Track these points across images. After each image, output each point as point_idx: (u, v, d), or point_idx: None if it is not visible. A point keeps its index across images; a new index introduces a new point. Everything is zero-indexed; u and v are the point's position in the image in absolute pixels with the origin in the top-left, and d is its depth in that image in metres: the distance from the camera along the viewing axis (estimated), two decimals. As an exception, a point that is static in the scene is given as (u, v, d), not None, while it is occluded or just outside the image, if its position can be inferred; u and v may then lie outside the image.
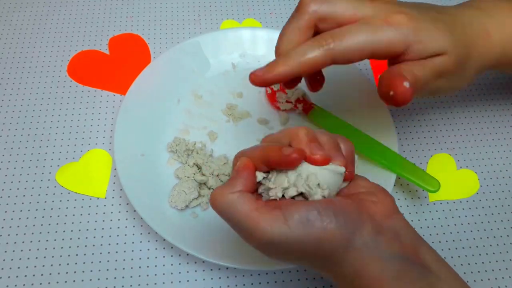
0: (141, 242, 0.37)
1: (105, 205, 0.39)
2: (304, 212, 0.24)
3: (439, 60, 0.30)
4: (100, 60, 0.48)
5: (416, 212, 0.40)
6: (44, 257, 0.36)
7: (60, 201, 0.39)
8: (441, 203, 0.40)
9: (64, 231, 0.37)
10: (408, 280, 0.25)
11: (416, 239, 0.27)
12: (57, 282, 0.35)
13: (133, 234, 0.37)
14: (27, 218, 0.38)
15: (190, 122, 0.43)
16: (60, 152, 0.41)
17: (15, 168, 0.40)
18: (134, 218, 0.38)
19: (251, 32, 0.47)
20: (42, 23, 0.50)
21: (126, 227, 0.38)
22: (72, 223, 0.38)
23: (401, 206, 0.40)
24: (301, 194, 0.27)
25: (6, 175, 0.40)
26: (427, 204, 0.40)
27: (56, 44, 0.48)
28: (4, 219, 0.38)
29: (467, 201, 0.40)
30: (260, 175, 0.27)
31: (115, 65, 0.47)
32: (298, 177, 0.26)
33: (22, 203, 0.38)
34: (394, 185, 0.38)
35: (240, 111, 0.43)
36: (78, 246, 0.37)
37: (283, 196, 0.27)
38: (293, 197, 0.27)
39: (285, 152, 0.26)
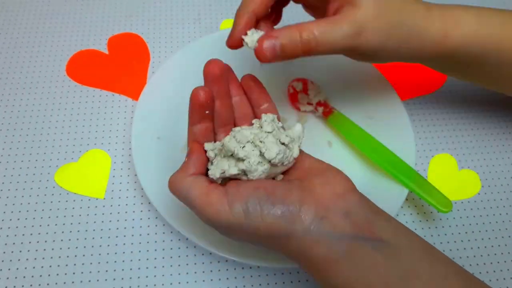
0: (140, 243, 0.37)
1: (104, 206, 0.38)
2: (245, 202, 0.26)
3: (346, 14, 0.30)
4: (99, 59, 0.47)
5: (418, 213, 0.39)
6: (44, 257, 0.36)
7: (59, 201, 0.38)
8: (442, 204, 0.40)
9: (63, 232, 0.37)
10: (360, 255, 0.25)
11: (371, 214, 0.27)
12: (56, 284, 0.35)
13: (132, 235, 0.37)
14: (26, 218, 0.38)
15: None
16: (59, 153, 0.41)
17: (13, 168, 0.40)
18: (133, 219, 0.38)
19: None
20: (41, 23, 0.50)
21: (125, 228, 0.38)
22: (71, 223, 0.37)
23: (402, 207, 0.40)
24: (243, 172, 0.28)
25: (5, 176, 0.40)
26: (429, 205, 0.40)
27: (55, 44, 0.48)
28: (3, 220, 0.37)
29: (468, 202, 0.40)
30: (208, 147, 0.30)
31: (114, 65, 0.47)
32: (240, 161, 0.28)
33: (21, 203, 0.38)
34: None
35: None
36: (77, 247, 0.36)
37: (223, 179, 0.29)
38: (237, 175, 0.28)
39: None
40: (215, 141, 0.31)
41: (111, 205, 0.39)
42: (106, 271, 0.36)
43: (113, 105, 0.44)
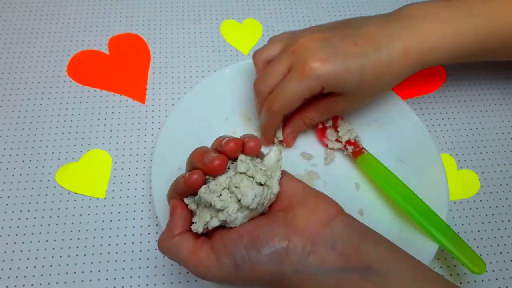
0: (141, 242, 0.37)
1: (105, 206, 0.39)
2: (232, 255, 0.26)
3: (335, 101, 0.37)
4: (99, 60, 0.47)
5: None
6: (44, 257, 0.36)
7: (60, 201, 0.39)
8: (441, 204, 0.40)
9: (63, 232, 0.37)
10: (349, 287, 0.25)
11: (358, 239, 0.27)
12: (57, 283, 0.35)
13: (133, 235, 0.37)
14: (27, 218, 0.38)
15: None
16: (60, 152, 0.41)
17: (14, 168, 0.40)
18: (134, 219, 0.38)
19: None
20: (42, 23, 0.50)
21: (125, 227, 0.38)
22: (72, 223, 0.38)
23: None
24: (225, 221, 0.27)
25: (6, 175, 0.40)
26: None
27: (55, 44, 0.48)
28: (4, 219, 0.38)
29: (467, 201, 0.40)
30: (187, 201, 0.29)
31: (114, 65, 0.47)
32: (219, 211, 0.27)
33: (22, 203, 0.38)
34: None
35: None
36: (78, 247, 0.37)
37: (207, 229, 0.28)
38: (220, 226, 0.28)
39: (185, 177, 0.28)
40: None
41: (112, 205, 0.39)
42: (107, 270, 0.36)
43: (114, 105, 0.44)
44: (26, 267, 0.35)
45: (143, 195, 0.39)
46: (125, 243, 0.37)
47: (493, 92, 0.47)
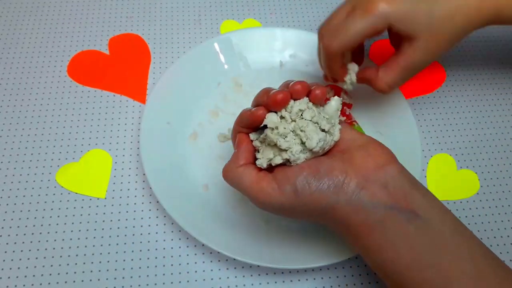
0: (141, 242, 0.37)
1: (105, 205, 0.39)
2: (293, 183, 0.29)
3: (409, 52, 0.36)
4: (100, 60, 0.47)
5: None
6: (44, 257, 0.36)
7: (60, 201, 0.39)
8: (441, 204, 0.40)
9: (64, 231, 0.37)
10: (392, 224, 0.28)
11: (408, 186, 0.29)
12: (57, 283, 0.35)
13: (133, 235, 0.37)
14: (27, 218, 0.38)
15: (222, 106, 0.44)
16: (60, 153, 0.41)
17: (15, 168, 0.40)
18: (134, 219, 0.38)
19: (306, 35, 0.47)
20: (42, 23, 0.50)
21: (126, 227, 0.38)
22: (72, 223, 0.38)
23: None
24: (287, 160, 0.30)
25: (6, 175, 0.40)
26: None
27: (56, 44, 0.48)
28: (4, 219, 0.38)
29: (467, 201, 0.40)
30: (253, 137, 0.31)
31: (115, 65, 0.47)
32: (283, 150, 0.30)
33: (22, 203, 0.38)
34: None
35: None
36: (78, 247, 0.37)
37: (270, 165, 0.30)
38: (281, 164, 0.30)
39: (252, 111, 0.30)
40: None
41: (112, 205, 0.39)
42: (107, 270, 0.36)
43: (114, 105, 0.44)
44: (26, 267, 0.36)
45: (143, 195, 0.39)
46: (125, 243, 0.37)
47: (492, 92, 0.47)
